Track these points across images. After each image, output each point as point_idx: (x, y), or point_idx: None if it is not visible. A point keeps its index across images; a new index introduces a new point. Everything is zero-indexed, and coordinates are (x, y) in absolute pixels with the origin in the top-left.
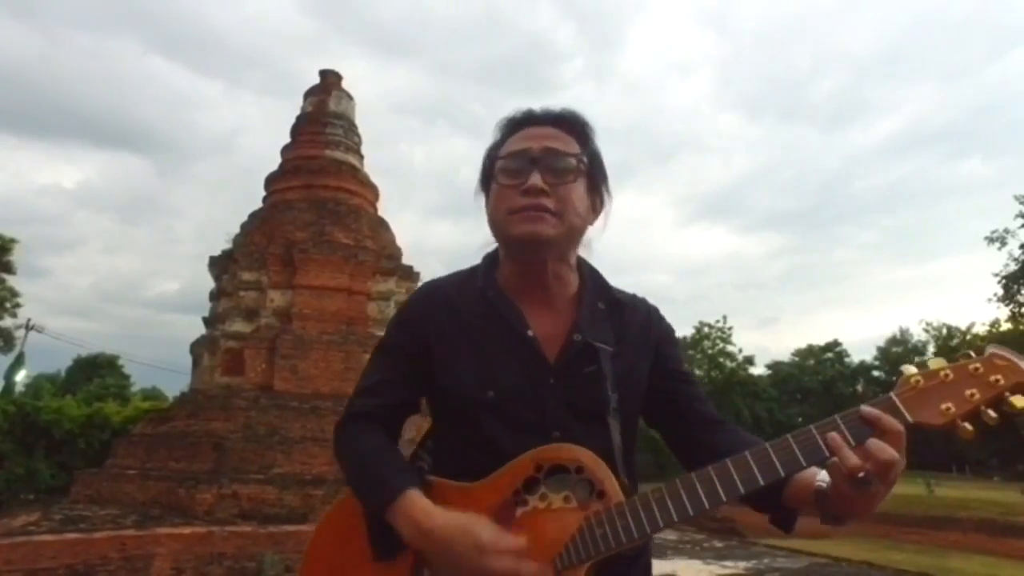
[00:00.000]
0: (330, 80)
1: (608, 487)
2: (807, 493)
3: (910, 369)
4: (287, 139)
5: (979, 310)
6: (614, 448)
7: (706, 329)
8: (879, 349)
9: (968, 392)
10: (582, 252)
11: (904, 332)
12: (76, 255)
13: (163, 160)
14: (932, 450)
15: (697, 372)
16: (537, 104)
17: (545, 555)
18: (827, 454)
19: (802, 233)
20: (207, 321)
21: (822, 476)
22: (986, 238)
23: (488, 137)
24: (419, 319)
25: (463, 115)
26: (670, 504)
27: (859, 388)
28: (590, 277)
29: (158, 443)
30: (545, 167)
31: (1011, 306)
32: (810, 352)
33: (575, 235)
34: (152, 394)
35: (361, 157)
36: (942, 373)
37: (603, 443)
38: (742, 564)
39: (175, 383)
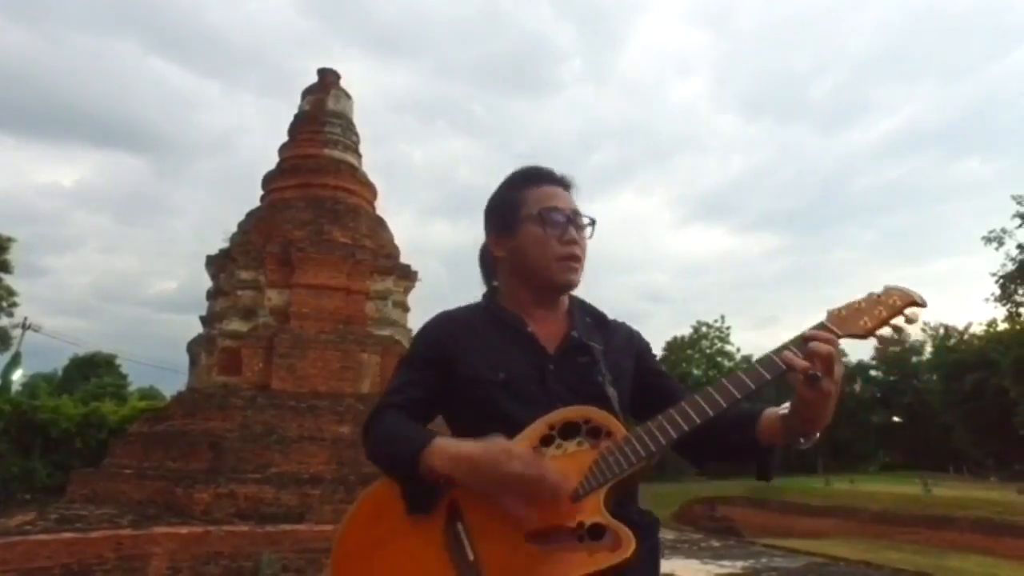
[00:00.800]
0: (328, 79)
1: (614, 427)
2: (776, 423)
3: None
4: (285, 139)
5: (977, 310)
6: (616, 413)
7: (704, 328)
8: (876, 349)
9: (877, 310)
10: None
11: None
12: (74, 254)
13: (161, 160)
14: (929, 451)
15: (695, 372)
16: (529, 104)
17: (568, 488)
18: (783, 367)
19: (801, 233)
20: (204, 320)
21: (783, 407)
22: (984, 238)
23: (488, 137)
24: (437, 334)
25: (462, 115)
26: (666, 424)
27: (857, 387)
28: (577, 301)
29: (155, 442)
30: (575, 224)
31: (1008, 306)
32: None
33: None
34: (149, 393)
35: (359, 156)
36: (856, 304)
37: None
38: (740, 564)
39: (172, 383)
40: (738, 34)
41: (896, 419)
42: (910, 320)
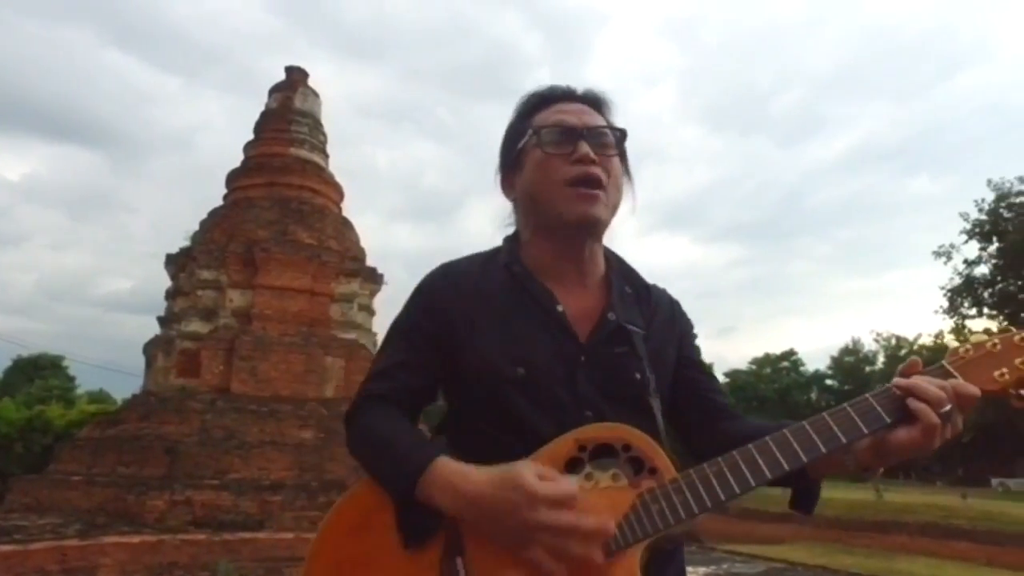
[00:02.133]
0: (296, 77)
1: (660, 463)
2: (833, 455)
3: (955, 343)
4: (250, 137)
5: (926, 322)
6: (659, 429)
7: None
8: (832, 358)
9: (1019, 360)
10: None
11: (856, 342)
12: (20, 250)
13: (117, 155)
14: None
15: None
16: (496, 110)
17: None
18: (887, 420)
19: (761, 244)
20: (162, 321)
21: None
22: (933, 253)
23: (454, 142)
24: (439, 296)
25: (428, 119)
26: (730, 476)
27: (813, 396)
28: (616, 261)
29: (106, 447)
30: (590, 140)
31: (955, 318)
32: (767, 361)
33: (614, 213)
34: (99, 397)
35: (326, 156)
36: (989, 344)
37: (643, 425)
38: (701, 570)
39: (124, 385)
40: (703, 48)
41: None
42: None
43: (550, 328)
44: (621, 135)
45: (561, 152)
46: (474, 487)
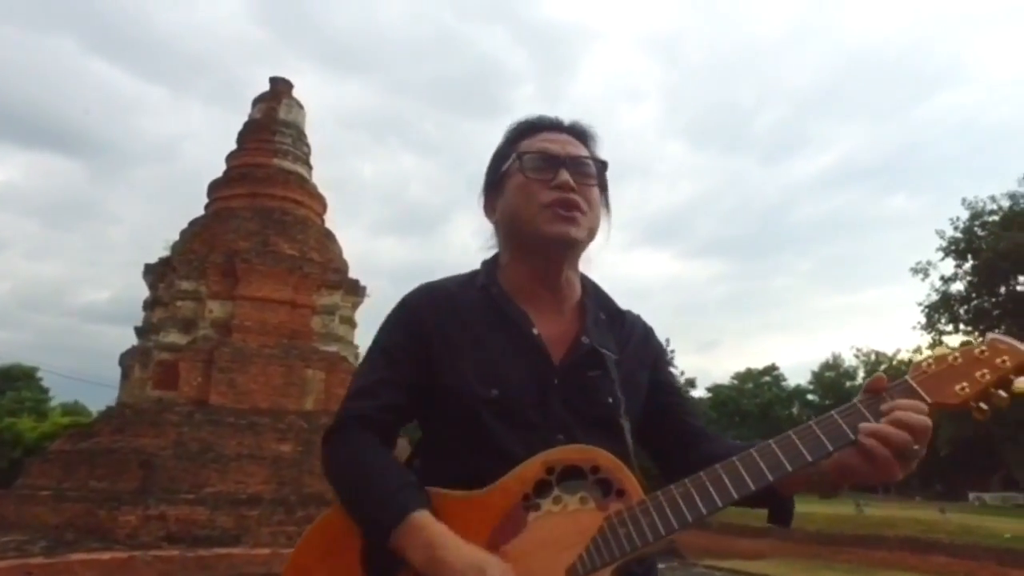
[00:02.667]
0: (280, 88)
1: (628, 485)
2: (805, 472)
3: (919, 358)
4: (233, 147)
5: (904, 337)
6: (629, 451)
7: None
8: (813, 373)
9: (978, 373)
10: (581, 267)
11: (837, 357)
12: None
13: (98, 164)
14: None
15: None
16: (481, 125)
17: (562, 560)
18: (852, 437)
19: (743, 260)
20: (139, 331)
21: None
22: (911, 269)
23: (439, 155)
24: (419, 315)
25: (414, 133)
26: (697, 497)
27: (795, 411)
28: (592, 288)
29: (78, 460)
30: (571, 168)
31: (932, 334)
32: (748, 375)
33: (592, 238)
34: (73, 409)
35: (310, 167)
36: (951, 357)
37: (613, 446)
38: None
39: (101, 397)
40: (687, 65)
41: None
42: (1017, 393)
43: (525, 350)
44: (601, 167)
45: (542, 178)
46: (446, 559)
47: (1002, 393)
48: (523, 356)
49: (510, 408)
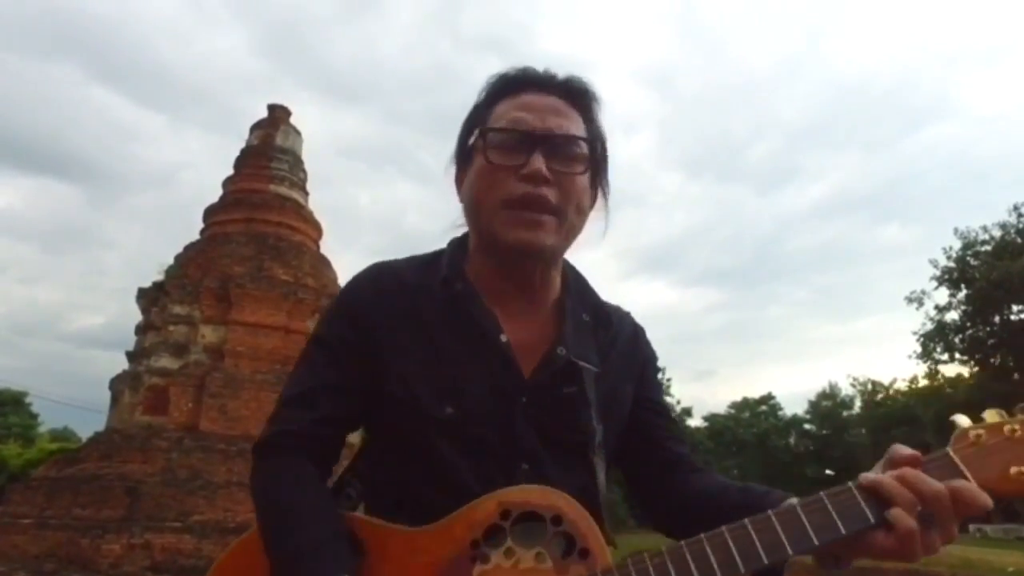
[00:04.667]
0: (278, 114)
1: (593, 544)
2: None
3: (964, 421)
4: (230, 173)
5: (900, 366)
6: (599, 490)
7: None
8: (810, 403)
9: None
10: (569, 254)
11: (833, 386)
12: None
13: (96, 190)
14: None
15: None
16: None
17: None
18: (872, 521)
19: (738, 289)
20: (131, 356)
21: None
22: (906, 298)
23: (436, 184)
24: (366, 305)
25: (410, 162)
26: (676, 572)
27: (791, 441)
28: (575, 282)
29: (62, 487)
30: (549, 150)
31: (928, 363)
32: (745, 405)
33: (573, 237)
34: (62, 435)
35: (306, 194)
36: (1007, 428)
37: (583, 482)
38: None
39: (92, 423)
40: (681, 97)
41: (829, 472)
42: None
43: (489, 360)
44: (594, 145)
45: (509, 163)
46: None
47: None
48: (487, 367)
49: (467, 431)
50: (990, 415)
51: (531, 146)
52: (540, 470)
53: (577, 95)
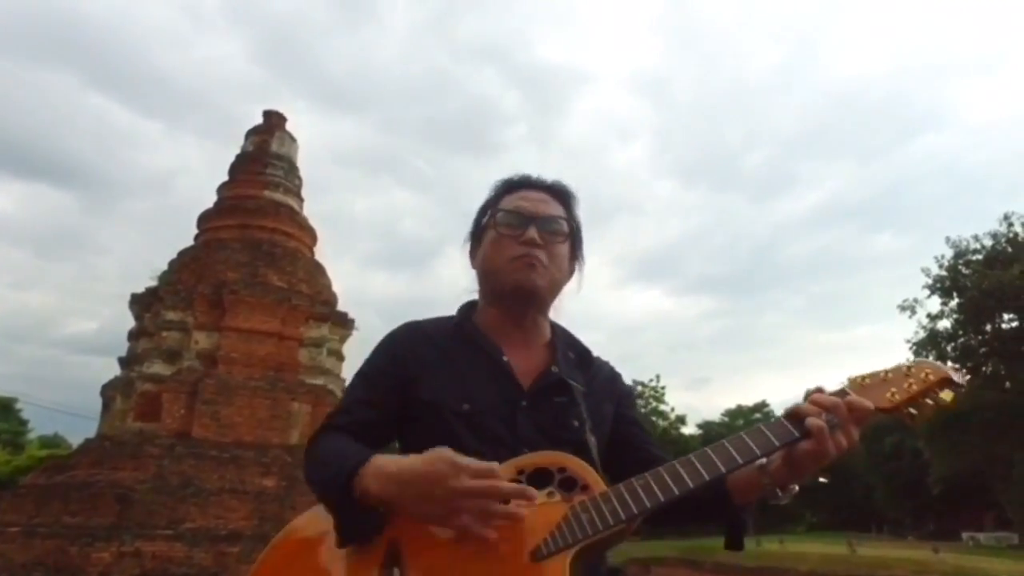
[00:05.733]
0: (274, 121)
1: (591, 480)
2: (751, 475)
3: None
4: (225, 179)
5: None
6: (596, 464)
7: (640, 388)
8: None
9: (906, 384)
10: (551, 314)
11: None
12: None
13: (91, 196)
14: (853, 511)
15: None
16: (473, 163)
17: (528, 544)
18: (795, 434)
19: (734, 296)
20: (123, 362)
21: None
22: (898, 306)
23: (431, 192)
24: (400, 347)
25: (407, 170)
26: (655, 486)
27: None
28: (561, 331)
29: (52, 495)
30: (541, 225)
31: None
32: (739, 412)
33: (557, 289)
34: (52, 441)
35: (301, 200)
36: (882, 373)
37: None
38: None
39: (83, 430)
40: (676, 105)
41: (822, 480)
42: (941, 403)
43: (495, 376)
44: (572, 226)
45: (513, 234)
46: (403, 465)
47: (928, 401)
48: (494, 381)
49: (480, 422)
50: (873, 369)
51: (528, 222)
52: None
53: (560, 193)
